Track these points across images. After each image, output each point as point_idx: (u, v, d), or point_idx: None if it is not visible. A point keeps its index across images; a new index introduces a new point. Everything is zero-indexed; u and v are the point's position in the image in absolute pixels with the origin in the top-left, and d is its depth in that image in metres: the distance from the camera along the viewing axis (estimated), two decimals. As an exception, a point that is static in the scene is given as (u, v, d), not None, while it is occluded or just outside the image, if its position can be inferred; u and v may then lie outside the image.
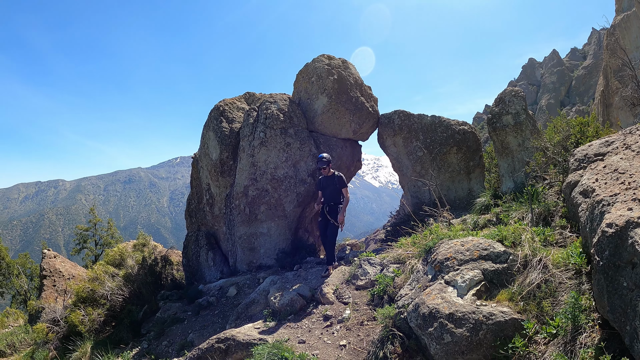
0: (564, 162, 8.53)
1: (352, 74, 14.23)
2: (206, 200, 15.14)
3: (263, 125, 13.07)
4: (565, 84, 75.73)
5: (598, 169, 5.75)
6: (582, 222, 5.43)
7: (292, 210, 13.13)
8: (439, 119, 14.49)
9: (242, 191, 13.11)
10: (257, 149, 12.99)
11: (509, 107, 11.31)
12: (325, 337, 7.29)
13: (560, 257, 5.88)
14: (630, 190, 4.65)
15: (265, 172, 12.94)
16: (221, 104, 14.99)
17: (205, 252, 14.44)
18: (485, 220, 9.24)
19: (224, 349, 7.24)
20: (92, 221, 29.01)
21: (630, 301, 3.85)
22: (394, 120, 14.55)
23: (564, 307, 5.05)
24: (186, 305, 11.78)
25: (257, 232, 13.13)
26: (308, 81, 13.99)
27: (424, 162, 14.06)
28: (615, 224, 4.23)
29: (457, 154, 14.01)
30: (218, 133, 14.20)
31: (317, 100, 13.66)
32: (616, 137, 6.43)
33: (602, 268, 4.28)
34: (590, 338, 4.50)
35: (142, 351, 9.85)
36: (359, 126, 14.03)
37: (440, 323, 5.37)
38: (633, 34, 30.03)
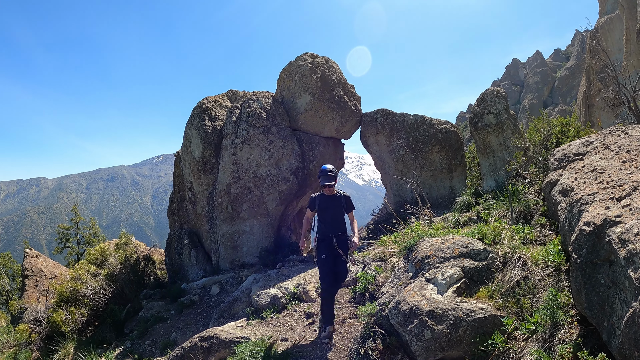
0: (544, 161, 8.61)
1: (336, 72, 14.23)
2: (189, 199, 15.01)
3: (246, 124, 12.99)
4: (548, 84, 76.51)
5: (577, 169, 5.81)
6: (561, 221, 5.49)
7: (274, 209, 13.08)
8: (421, 118, 14.58)
9: (225, 189, 13.02)
10: (240, 147, 12.91)
11: (490, 107, 11.40)
12: (308, 334, 7.30)
13: (539, 255, 5.93)
14: (608, 190, 4.70)
15: (248, 170, 12.87)
16: (204, 102, 14.89)
17: (188, 251, 14.33)
18: (466, 219, 9.28)
19: (207, 347, 7.21)
20: (74, 220, 28.55)
21: (608, 298, 3.89)
22: (376, 119, 14.62)
23: (542, 303, 5.10)
24: (169, 304, 11.69)
25: (240, 230, 13.06)
26: (291, 79, 13.94)
27: (406, 160, 14.12)
28: (593, 222, 4.28)
29: (439, 152, 14.10)
30: (201, 131, 14.09)
31: (300, 99, 13.63)
32: (596, 137, 6.50)
33: (580, 265, 4.32)
34: (569, 334, 4.53)
35: (125, 351, 9.74)
36: (342, 124, 14.05)
37: (421, 320, 5.38)
38: (616, 36, 30.50)
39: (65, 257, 28.06)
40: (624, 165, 5.09)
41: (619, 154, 5.48)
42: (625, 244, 3.75)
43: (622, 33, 26.55)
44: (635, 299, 3.43)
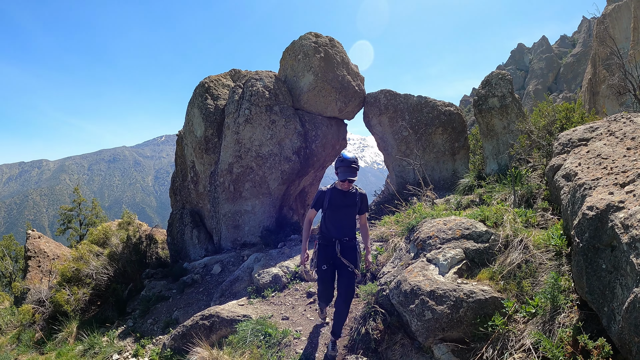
0: (548, 145, 8.57)
1: (339, 52, 14.07)
2: (191, 178, 14.99)
3: (248, 103, 12.90)
4: (553, 70, 75.89)
5: (581, 154, 5.79)
6: (564, 205, 5.48)
7: (276, 188, 13.07)
8: (425, 100, 14.48)
9: (227, 168, 12.99)
10: (242, 126, 12.84)
11: (495, 90, 11.30)
12: (309, 313, 7.36)
13: (541, 239, 5.95)
14: (612, 175, 4.69)
15: (250, 149, 12.82)
16: (206, 81, 14.76)
17: (189, 230, 14.36)
18: (468, 201, 9.27)
19: (209, 325, 7.25)
20: (76, 201, 28.60)
21: (609, 283, 3.90)
22: (380, 100, 14.52)
23: (543, 287, 5.12)
24: (171, 283, 11.76)
25: (242, 210, 13.06)
26: (294, 59, 13.80)
27: (409, 142, 14.06)
28: (596, 207, 4.28)
29: (442, 134, 14.02)
30: (203, 110, 13.99)
31: (303, 78, 13.50)
32: (601, 123, 6.46)
33: (581, 250, 4.33)
34: (569, 318, 4.55)
35: (128, 329, 9.83)
36: (345, 105, 13.95)
37: (422, 300, 5.40)
38: (623, 24, 30.13)
39: (67, 238, 28.19)
40: (629, 152, 5.07)
41: (623, 140, 5.45)
42: (629, 229, 3.74)
43: (629, 21, 26.23)
44: (636, 285, 3.44)
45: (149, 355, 8.02)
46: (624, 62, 13.09)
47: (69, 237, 28.15)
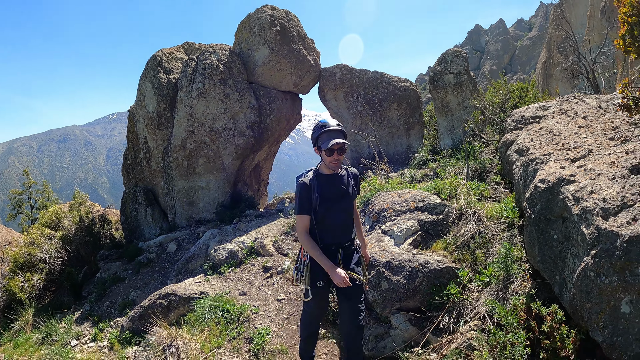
0: (501, 122, 8.74)
1: (296, 25, 13.83)
2: (143, 155, 14.52)
3: (202, 76, 12.52)
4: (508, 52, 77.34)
5: (534, 130, 5.94)
6: (516, 179, 5.63)
7: (231, 163, 12.86)
8: (380, 75, 14.54)
9: (180, 144, 12.64)
10: (195, 100, 12.48)
11: (451, 67, 11.40)
12: (266, 288, 7.32)
13: (494, 211, 6.09)
14: (563, 151, 4.83)
15: (204, 124, 12.51)
16: (159, 54, 14.26)
17: (143, 209, 14.01)
18: (422, 175, 9.38)
19: (166, 304, 7.12)
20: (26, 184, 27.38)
21: (560, 253, 4.04)
22: (335, 74, 14.46)
23: (496, 257, 5.26)
24: (126, 264, 11.50)
25: (196, 186, 12.81)
26: (250, 32, 13.46)
27: (364, 116, 14.09)
28: (547, 180, 4.40)
29: (397, 110, 14.13)
30: (155, 84, 13.53)
31: (259, 52, 13.20)
32: (553, 102, 6.67)
33: (533, 221, 4.46)
34: (522, 286, 4.66)
35: (85, 314, 9.51)
36: (300, 79, 13.80)
37: (378, 271, 5.44)
38: (580, 11, 30.98)
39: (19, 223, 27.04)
40: (580, 130, 5.23)
41: (575, 119, 5.63)
42: (579, 201, 3.85)
43: (586, 8, 26.96)
44: (587, 254, 3.54)
45: (107, 339, 7.79)
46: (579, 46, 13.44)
47: (20, 222, 27.03)
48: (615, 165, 4.04)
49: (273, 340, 5.81)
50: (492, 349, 4.31)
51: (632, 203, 3.52)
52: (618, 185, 3.75)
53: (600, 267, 3.37)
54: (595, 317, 3.42)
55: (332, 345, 5.79)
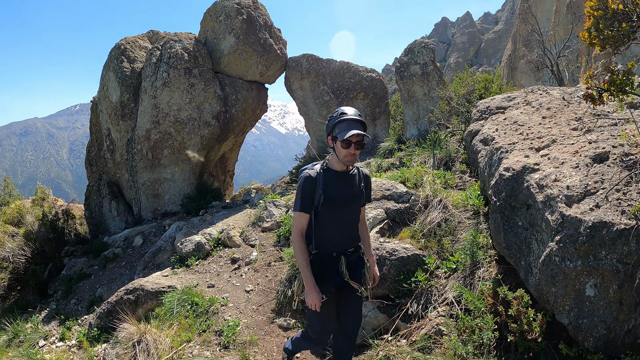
0: (466, 112, 8.85)
1: (263, 14, 13.62)
2: (107, 147, 14.08)
3: (166, 65, 12.18)
4: (474, 45, 78.19)
5: (499, 120, 6.04)
6: (481, 167, 5.71)
7: (196, 154, 12.59)
8: (347, 65, 14.50)
9: (144, 135, 12.30)
10: (160, 90, 12.14)
11: (417, 58, 11.48)
12: (234, 279, 7.23)
13: (459, 199, 6.17)
14: (527, 141, 4.93)
15: (168, 114, 12.19)
16: (122, 43, 13.81)
17: (108, 202, 13.60)
18: (388, 164, 9.44)
19: (134, 300, 6.94)
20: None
21: (525, 239, 4.13)
22: (302, 64, 14.33)
23: (463, 244, 5.33)
24: (92, 259, 11.15)
25: (161, 178, 12.52)
26: (216, 20, 13.14)
27: (330, 106, 14.02)
28: (512, 168, 4.49)
29: (363, 99, 14.16)
30: (119, 73, 13.11)
31: (224, 41, 12.93)
32: (518, 94, 6.81)
33: (499, 208, 4.54)
34: (488, 272, 4.73)
35: (51, 312, 9.17)
36: (267, 68, 13.57)
37: (344, 259, 5.40)
38: (546, 6, 31.56)
39: (-19, 222, 25.99)
40: (544, 120, 5.36)
41: (539, 110, 5.75)
42: (543, 189, 3.94)
43: (552, 4, 27.48)
44: (551, 239, 3.63)
45: (75, 338, 7.55)
46: (544, 40, 13.73)
47: (-18, 221, 25.98)
48: (578, 155, 4.13)
49: (243, 332, 5.75)
50: (460, 334, 4.37)
51: (595, 190, 3.61)
52: (581, 174, 3.84)
53: (564, 252, 3.45)
54: (560, 300, 3.50)
55: (302, 334, 5.79)
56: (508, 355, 4.03)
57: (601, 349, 3.38)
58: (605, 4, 3.48)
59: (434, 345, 4.52)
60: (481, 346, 4.16)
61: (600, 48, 3.66)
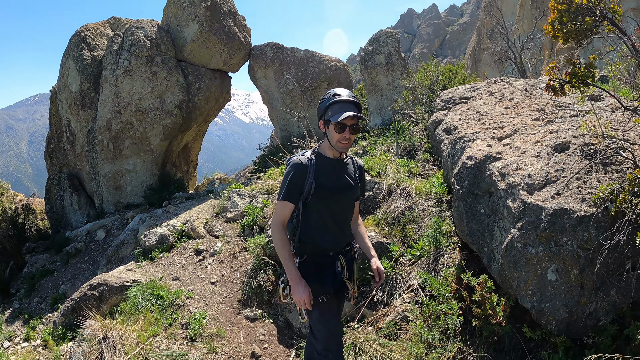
0: (430, 102, 8.92)
1: (227, 1, 13.31)
2: (67, 138, 13.60)
3: (128, 53, 11.80)
4: (440, 36, 78.85)
5: (462, 110, 6.04)
6: (444, 156, 5.73)
7: (158, 144, 12.31)
8: (311, 54, 14.37)
9: (105, 125, 11.91)
10: (121, 79, 11.78)
11: (382, 47, 11.49)
12: (199, 271, 7.10)
13: (423, 187, 6.21)
14: (490, 130, 4.94)
15: (130, 103, 11.84)
16: (83, 29, 13.36)
17: (69, 196, 13.20)
18: (352, 153, 9.42)
19: (98, 295, 6.72)
20: (-59, 178, 25.09)
21: (488, 226, 4.15)
22: (266, 53, 14.12)
23: (426, 231, 5.37)
24: (54, 255, 10.91)
25: (123, 169, 12.19)
26: (179, 7, 12.78)
27: (294, 95, 13.90)
28: (475, 157, 4.50)
29: (327, 88, 13.95)
30: (79, 62, 12.67)
31: (188, 28, 12.60)
32: (481, 84, 6.83)
33: (461, 196, 4.55)
34: (452, 259, 4.78)
35: (15, 312, 8.89)
36: (230, 57, 13.32)
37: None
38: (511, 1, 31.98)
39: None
40: (506, 110, 5.38)
41: (502, 101, 5.80)
42: (505, 177, 3.97)
43: None
44: (513, 226, 3.66)
45: (40, 337, 7.31)
46: (508, 33, 13.98)
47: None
48: (540, 144, 4.19)
49: (210, 324, 5.66)
50: (426, 320, 4.41)
51: (555, 179, 3.67)
52: (543, 162, 3.89)
53: (526, 238, 3.49)
54: (523, 285, 3.54)
55: (269, 325, 5.71)
56: (473, 339, 4.07)
57: (564, 331, 3.44)
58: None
59: (400, 331, 4.54)
60: (446, 331, 4.19)
61: (563, 41, 3.70)
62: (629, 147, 3.66)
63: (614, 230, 3.20)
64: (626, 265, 3.33)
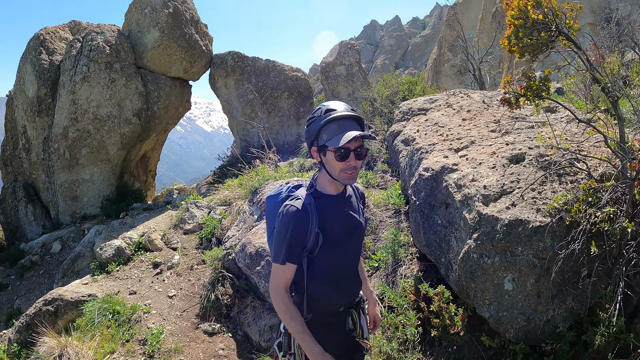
0: (389, 113, 8.97)
1: (190, 8, 13.03)
2: (22, 145, 12.97)
3: (87, 59, 11.37)
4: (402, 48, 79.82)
5: (420, 122, 6.07)
6: (402, 167, 5.73)
7: (116, 153, 11.86)
8: (273, 63, 14.24)
9: (62, 133, 11.41)
10: (79, 85, 11.33)
11: (343, 58, 11.55)
12: (157, 285, 6.83)
13: (381, 198, 6.20)
14: (447, 142, 4.96)
15: (87, 111, 11.38)
16: (42, 33, 12.88)
17: (24, 206, 12.59)
18: (311, 163, 9.45)
19: (53, 311, 6.38)
20: None
21: (445, 237, 4.13)
22: (227, 61, 13.91)
23: (384, 242, 5.34)
24: (8, 268, 10.38)
25: (80, 179, 11.68)
26: (141, 12, 12.41)
27: (254, 105, 13.75)
28: (431, 168, 4.50)
29: (288, 99, 13.98)
30: (36, 66, 12.16)
31: (149, 34, 12.26)
32: (440, 96, 6.90)
33: (419, 207, 4.53)
34: (410, 269, 4.75)
35: None
36: (191, 65, 13.03)
37: (267, 261, 5.32)
38: (472, 14, 32.75)
39: None
40: (464, 122, 5.42)
41: (460, 112, 5.83)
42: (461, 188, 3.97)
43: (479, 12, 28.49)
44: (469, 237, 3.64)
45: None
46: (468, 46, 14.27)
47: None
48: (496, 155, 4.21)
49: (167, 340, 5.45)
50: (385, 331, 4.35)
51: (511, 190, 3.68)
52: (498, 174, 3.90)
53: (482, 249, 3.47)
54: (480, 295, 3.53)
55: (228, 339, 5.52)
56: (432, 349, 4.02)
57: (522, 339, 3.44)
58: (526, 13, 3.55)
59: (359, 343, 4.50)
60: (406, 342, 4.12)
61: (519, 55, 3.74)
62: (583, 158, 3.70)
63: (568, 240, 3.20)
64: (582, 273, 3.34)
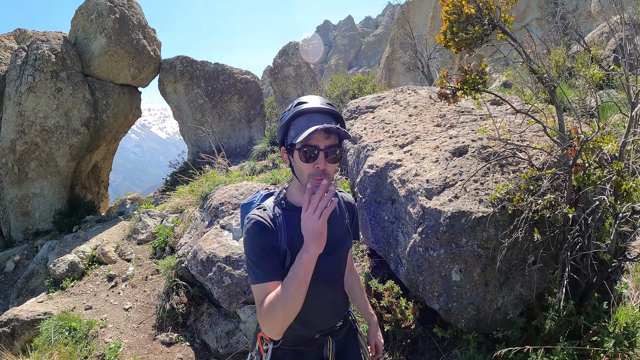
0: None
1: (137, 13, 12.58)
2: (-33, 160, 12.59)
3: (32, 68, 10.85)
4: (355, 47, 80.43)
5: (367, 120, 6.05)
6: (350, 165, 5.74)
7: (65, 165, 11.38)
8: (222, 67, 14.01)
9: (9, 146, 10.85)
10: (25, 96, 10.81)
11: (291, 59, 11.51)
12: (112, 298, 6.60)
13: None
14: (393, 138, 4.96)
15: (34, 122, 10.86)
16: (-15, 42, 12.08)
17: (-27, 225, 11.99)
18: (262, 166, 9.39)
19: (10, 332, 6.12)
20: None
21: (392, 232, 4.13)
22: (175, 66, 13.62)
23: None
24: (-38, 290, 9.80)
25: (30, 194, 11.14)
26: (87, 19, 11.91)
27: (204, 109, 13.54)
28: (376, 165, 4.50)
29: (238, 102, 13.79)
30: (-19, 77, 11.33)
31: (95, 41, 11.80)
32: (388, 93, 6.89)
33: (365, 204, 4.52)
34: (361, 266, 4.76)
35: None
36: (139, 71, 12.64)
37: (219, 267, 5.20)
38: (424, 12, 33.24)
39: None
40: (410, 118, 5.43)
41: (406, 108, 5.84)
42: (405, 183, 3.97)
43: (429, 11, 28.94)
44: (415, 231, 3.65)
45: None
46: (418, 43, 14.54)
47: None
48: (439, 149, 4.24)
49: (126, 353, 5.29)
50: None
51: (453, 183, 3.70)
52: (441, 167, 3.92)
53: (427, 242, 3.47)
54: (429, 287, 3.53)
55: (186, 348, 5.35)
56: (386, 344, 4.02)
57: (474, 328, 3.46)
58: (460, 8, 3.58)
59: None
60: (359, 338, 4.19)
61: (455, 50, 3.78)
62: (525, 148, 3.74)
63: (512, 228, 3.23)
64: (528, 259, 3.39)
